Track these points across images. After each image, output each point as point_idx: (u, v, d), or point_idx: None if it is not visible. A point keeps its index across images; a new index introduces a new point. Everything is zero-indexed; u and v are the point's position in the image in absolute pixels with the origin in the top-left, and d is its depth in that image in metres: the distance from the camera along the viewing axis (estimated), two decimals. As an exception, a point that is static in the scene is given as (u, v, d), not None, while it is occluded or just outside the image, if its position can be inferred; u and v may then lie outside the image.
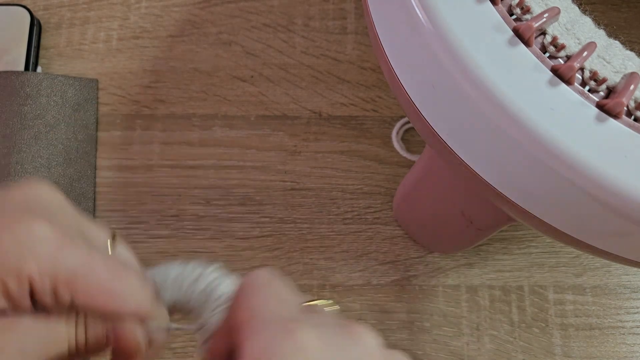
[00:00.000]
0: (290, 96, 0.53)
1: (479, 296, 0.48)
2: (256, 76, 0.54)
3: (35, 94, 0.50)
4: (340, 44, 0.55)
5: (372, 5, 0.31)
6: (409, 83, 0.29)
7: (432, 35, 0.27)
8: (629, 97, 0.25)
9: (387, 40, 0.30)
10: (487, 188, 0.29)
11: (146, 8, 0.56)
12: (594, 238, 0.28)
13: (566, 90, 0.25)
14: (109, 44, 0.55)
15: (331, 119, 0.53)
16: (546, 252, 0.49)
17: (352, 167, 0.51)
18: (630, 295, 0.48)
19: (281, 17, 0.56)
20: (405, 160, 0.52)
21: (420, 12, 0.27)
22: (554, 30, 0.27)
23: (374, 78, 0.54)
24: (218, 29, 0.55)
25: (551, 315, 0.48)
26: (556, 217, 0.28)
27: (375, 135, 0.52)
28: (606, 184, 0.24)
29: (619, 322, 0.48)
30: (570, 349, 0.47)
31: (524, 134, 0.25)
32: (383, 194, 0.51)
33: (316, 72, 0.54)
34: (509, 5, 0.27)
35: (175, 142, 0.52)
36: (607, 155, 0.25)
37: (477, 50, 0.26)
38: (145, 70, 0.54)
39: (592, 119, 0.25)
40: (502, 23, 0.27)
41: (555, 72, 0.26)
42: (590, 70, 0.26)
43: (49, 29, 0.55)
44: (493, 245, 0.49)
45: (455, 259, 0.49)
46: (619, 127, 0.25)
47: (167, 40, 0.55)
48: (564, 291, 0.48)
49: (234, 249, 0.49)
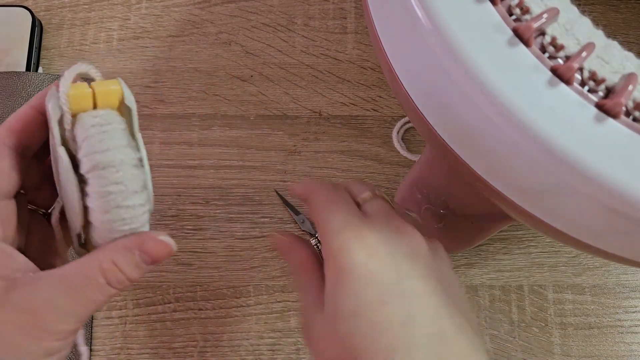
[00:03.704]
0: (290, 96, 0.53)
1: (479, 296, 0.48)
2: (256, 76, 0.54)
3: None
4: (340, 44, 0.55)
5: (372, 5, 0.31)
6: (409, 82, 0.29)
7: (432, 35, 0.26)
8: (627, 97, 0.25)
9: (387, 39, 0.30)
10: (487, 188, 0.29)
11: (146, 8, 0.56)
12: (592, 237, 0.28)
13: (565, 90, 0.25)
14: (110, 44, 0.55)
15: (331, 118, 0.53)
16: (546, 252, 0.49)
17: (352, 167, 0.52)
18: (629, 295, 0.48)
19: (281, 16, 0.56)
20: (406, 160, 0.52)
21: (420, 12, 0.27)
22: (553, 30, 0.27)
23: (374, 77, 0.54)
24: (218, 28, 0.56)
25: (550, 315, 0.48)
26: (555, 216, 0.28)
27: (376, 135, 0.52)
28: (605, 183, 0.24)
29: (618, 321, 0.48)
30: (569, 348, 0.47)
31: (523, 133, 0.25)
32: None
33: (316, 72, 0.54)
34: (509, 5, 0.27)
35: (175, 142, 0.52)
36: (606, 155, 0.25)
37: (476, 50, 0.26)
38: (145, 70, 0.54)
39: (591, 119, 0.25)
40: (502, 23, 0.26)
41: (555, 72, 0.26)
42: (589, 70, 0.26)
43: (50, 30, 0.55)
44: (493, 245, 0.49)
45: (456, 259, 0.49)
46: (618, 127, 0.25)
47: (167, 40, 0.55)
48: (563, 290, 0.48)
49: (234, 249, 0.49)
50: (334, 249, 0.27)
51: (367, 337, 0.25)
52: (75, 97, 0.26)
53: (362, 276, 0.26)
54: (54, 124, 0.26)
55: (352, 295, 0.26)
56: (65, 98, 0.26)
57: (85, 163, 0.25)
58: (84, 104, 0.26)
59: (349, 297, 0.26)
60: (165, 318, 0.47)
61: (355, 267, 0.26)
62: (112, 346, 0.47)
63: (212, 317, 0.47)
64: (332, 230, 0.27)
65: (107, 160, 0.25)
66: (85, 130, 0.25)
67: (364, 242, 0.27)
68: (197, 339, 0.47)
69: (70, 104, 0.26)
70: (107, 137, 0.25)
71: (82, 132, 0.26)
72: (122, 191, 0.26)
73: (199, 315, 0.47)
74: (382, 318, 0.25)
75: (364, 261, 0.26)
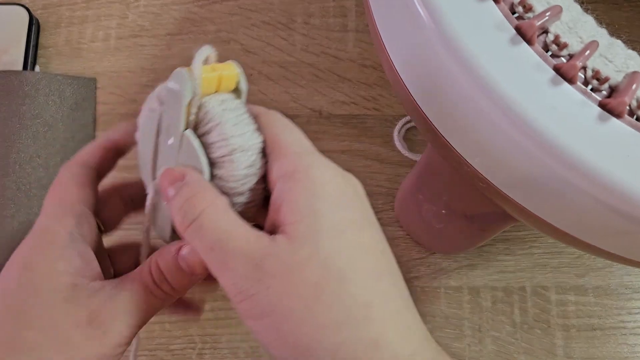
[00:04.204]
0: (290, 95, 0.53)
1: (481, 297, 0.48)
2: (255, 74, 0.54)
3: (34, 94, 0.50)
4: (341, 42, 0.55)
5: (373, 3, 0.31)
6: (411, 81, 0.29)
7: (434, 33, 0.26)
8: (631, 97, 0.25)
9: (389, 38, 0.30)
10: (489, 187, 0.28)
11: (145, 6, 0.56)
12: (596, 238, 0.28)
13: (568, 89, 0.25)
14: (108, 42, 0.55)
15: (332, 117, 0.52)
16: (548, 253, 0.49)
17: (353, 166, 0.51)
18: (632, 296, 0.48)
19: (281, 14, 0.56)
20: (407, 160, 0.51)
21: (422, 10, 0.27)
22: (556, 28, 0.26)
23: (375, 76, 0.54)
24: (217, 27, 0.55)
25: (553, 316, 0.47)
26: (558, 216, 0.28)
27: (377, 134, 0.52)
28: (608, 183, 0.24)
29: (621, 323, 0.47)
30: (572, 349, 0.47)
31: (526, 133, 0.25)
32: (384, 194, 0.50)
33: (316, 70, 0.54)
34: (511, 3, 0.27)
35: (175, 142, 0.52)
36: (610, 155, 0.24)
37: (479, 49, 0.26)
38: (143, 69, 0.54)
39: (594, 118, 0.25)
40: (504, 21, 0.26)
41: (558, 70, 0.26)
42: (593, 69, 0.26)
43: (47, 28, 0.55)
44: (495, 246, 0.49)
45: (458, 260, 0.49)
46: (621, 127, 0.25)
47: (165, 38, 0.55)
48: (566, 292, 0.48)
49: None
50: (304, 165, 0.25)
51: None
52: (206, 80, 0.26)
53: (336, 190, 0.25)
54: (183, 108, 0.25)
55: (337, 207, 0.25)
56: (199, 81, 0.25)
57: (220, 147, 0.25)
58: (210, 87, 0.26)
59: (337, 209, 0.24)
60: (163, 320, 0.47)
61: (330, 181, 0.25)
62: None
63: (211, 319, 0.47)
64: (300, 151, 0.26)
65: (245, 143, 0.25)
66: (218, 115, 0.26)
67: (329, 163, 0.26)
68: (196, 341, 0.46)
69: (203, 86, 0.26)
70: (241, 121, 0.26)
71: (213, 116, 0.26)
72: (255, 174, 0.26)
73: (197, 317, 0.47)
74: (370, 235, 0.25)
75: (332, 177, 0.25)
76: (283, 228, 0.24)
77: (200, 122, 0.26)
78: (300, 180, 0.24)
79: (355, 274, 0.24)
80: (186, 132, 0.26)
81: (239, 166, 0.25)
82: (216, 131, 0.25)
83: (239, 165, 0.25)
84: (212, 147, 0.26)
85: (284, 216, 0.24)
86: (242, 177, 0.26)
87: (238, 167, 0.25)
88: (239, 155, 0.25)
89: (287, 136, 0.27)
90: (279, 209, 0.24)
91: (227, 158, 0.25)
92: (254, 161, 0.26)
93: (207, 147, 0.26)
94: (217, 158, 0.26)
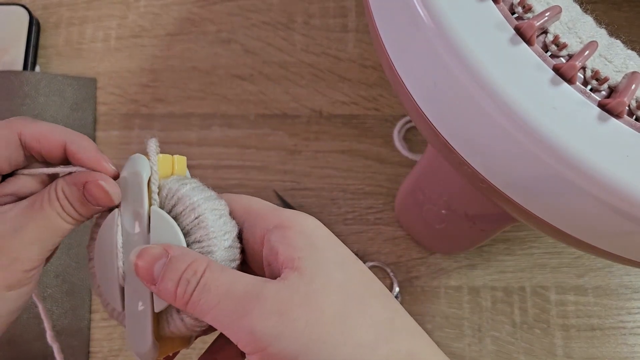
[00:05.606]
0: (290, 95, 0.53)
1: (481, 297, 0.48)
2: (256, 75, 0.54)
3: (34, 94, 0.50)
4: (341, 42, 0.55)
5: (373, 3, 0.31)
6: (411, 81, 0.29)
7: (434, 33, 0.26)
8: (630, 97, 0.25)
9: (389, 38, 0.30)
10: (489, 188, 0.28)
11: (145, 7, 0.56)
12: (595, 238, 0.28)
13: (568, 89, 0.25)
14: (108, 43, 0.55)
15: (332, 117, 0.52)
16: (548, 253, 0.49)
17: (353, 166, 0.51)
18: (632, 296, 0.48)
19: (281, 15, 0.56)
20: (407, 160, 0.51)
21: (422, 10, 0.27)
22: (555, 29, 0.26)
23: (375, 76, 0.54)
24: (217, 27, 0.55)
25: (553, 316, 0.47)
26: (558, 216, 0.28)
27: (377, 135, 0.52)
28: (608, 183, 0.24)
29: (620, 323, 0.47)
30: (571, 349, 0.47)
31: (526, 133, 0.25)
32: (385, 194, 0.50)
33: (317, 71, 0.54)
34: (511, 3, 0.27)
35: (174, 142, 0.52)
36: (609, 155, 0.24)
37: (479, 49, 0.26)
38: (143, 69, 0.54)
39: (594, 119, 0.25)
40: (504, 22, 0.26)
41: (557, 71, 0.26)
42: (592, 69, 0.26)
43: (47, 29, 0.55)
44: (495, 246, 0.49)
45: (458, 260, 0.49)
46: (621, 127, 0.25)
47: (165, 38, 0.55)
48: (565, 292, 0.48)
49: (234, 249, 0.49)
50: (288, 217, 0.27)
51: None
52: (162, 161, 0.28)
53: (325, 233, 0.27)
54: (144, 186, 0.27)
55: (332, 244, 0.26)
56: (155, 160, 0.28)
57: (190, 212, 0.27)
58: (166, 169, 0.29)
59: (332, 245, 0.26)
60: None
61: (317, 226, 0.27)
62: (110, 348, 0.46)
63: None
64: (276, 210, 0.28)
65: (212, 204, 0.27)
66: (181, 189, 0.27)
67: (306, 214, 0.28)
68: (195, 342, 0.46)
69: (159, 169, 0.28)
70: (203, 189, 0.28)
71: (176, 191, 0.27)
72: (230, 231, 0.27)
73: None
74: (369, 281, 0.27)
75: (316, 223, 0.27)
76: (289, 266, 0.25)
77: (164, 200, 0.28)
78: (291, 228, 0.26)
79: (370, 296, 0.25)
80: (152, 207, 0.27)
81: (214, 223, 0.27)
82: (181, 202, 0.27)
83: (213, 223, 0.27)
84: (181, 216, 0.27)
85: (285, 258, 0.25)
86: (221, 233, 0.27)
87: (213, 224, 0.27)
88: (209, 215, 0.27)
89: (257, 202, 0.29)
90: (277, 256, 0.26)
91: (199, 219, 0.27)
92: (226, 220, 0.27)
93: (177, 219, 0.27)
94: (189, 224, 0.27)
